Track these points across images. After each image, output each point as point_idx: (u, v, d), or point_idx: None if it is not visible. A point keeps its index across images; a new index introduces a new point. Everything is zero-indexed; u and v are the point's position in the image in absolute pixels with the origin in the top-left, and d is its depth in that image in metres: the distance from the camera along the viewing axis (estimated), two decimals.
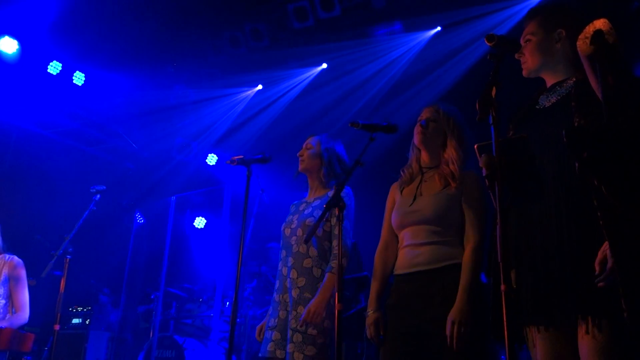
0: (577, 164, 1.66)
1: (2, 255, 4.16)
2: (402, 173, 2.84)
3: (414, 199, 2.69)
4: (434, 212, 2.59)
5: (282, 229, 3.34)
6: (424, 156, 2.80)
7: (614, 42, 1.74)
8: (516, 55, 2.30)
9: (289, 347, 2.97)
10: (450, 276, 2.48)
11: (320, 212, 3.15)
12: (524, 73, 2.34)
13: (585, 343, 1.86)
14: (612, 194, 1.62)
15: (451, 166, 2.65)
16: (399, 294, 2.61)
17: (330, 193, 3.25)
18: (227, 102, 7.79)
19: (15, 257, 4.16)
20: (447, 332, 2.36)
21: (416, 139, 2.77)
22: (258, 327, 3.34)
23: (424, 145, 2.76)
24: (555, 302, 1.95)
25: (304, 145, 3.45)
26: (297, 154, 3.44)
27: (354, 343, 4.91)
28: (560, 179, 2.02)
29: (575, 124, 1.96)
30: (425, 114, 2.79)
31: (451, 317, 2.37)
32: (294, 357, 2.93)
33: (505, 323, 1.66)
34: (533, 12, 2.35)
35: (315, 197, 3.36)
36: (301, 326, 2.96)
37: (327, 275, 3.06)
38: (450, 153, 2.68)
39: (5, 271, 4.06)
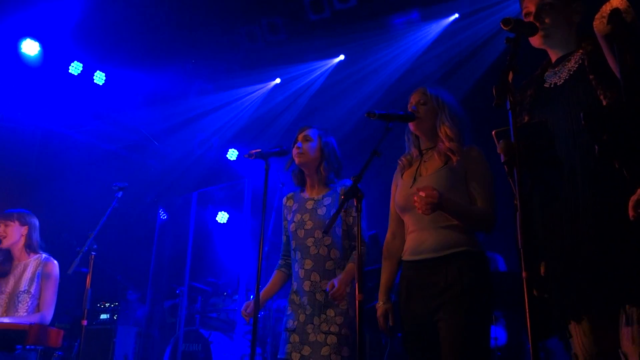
0: (596, 147, 1.62)
1: (39, 254, 4.24)
2: (400, 161, 2.81)
3: (415, 180, 2.66)
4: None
5: (291, 229, 3.27)
6: (422, 140, 2.77)
7: (632, 20, 1.69)
8: (532, 18, 2.17)
9: (324, 350, 2.93)
10: (455, 265, 2.45)
11: (335, 211, 3.11)
12: (538, 42, 2.22)
13: (625, 333, 1.82)
14: (634, 177, 1.58)
15: (448, 143, 2.60)
16: (407, 282, 2.60)
17: (339, 189, 3.24)
18: (246, 96, 7.82)
19: (51, 258, 4.23)
20: None
21: (411, 125, 2.72)
22: (245, 305, 3.25)
23: (420, 130, 2.73)
24: (593, 293, 1.90)
25: (299, 137, 3.32)
26: (294, 146, 3.30)
27: (377, 334, 4.91)
28: (591, 160, 1.95)
29: (601, 97, 1.90)
30: (414, 99, 2.74)
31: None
32: (331, 359, 2.91)
33: (527, 312, 1.63)
34: None
35: (321, 194, 3.27)
36: (332, 297, 2.92)
37: (349, 264, 3.06)
38: (445, 131, 2.63)
39: (39, 270, 4.14)
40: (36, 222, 4.34)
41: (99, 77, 6.75)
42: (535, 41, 2.22)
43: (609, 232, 1.88)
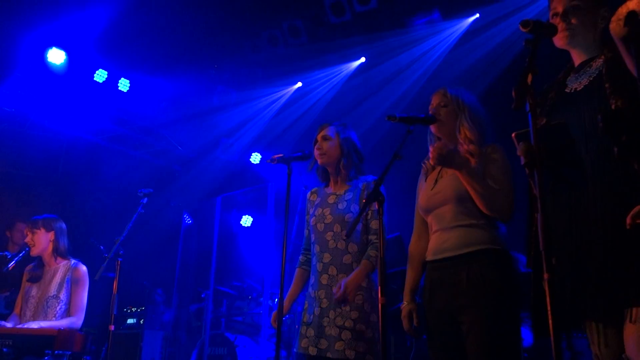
0: (615, 149, 1.60)
1: (68, 260, 4.30)
2: (423, 164, 2.83)
3: (436, 182, 2.67)
4: (455, 191, 2.54)
5: (312, 222, 3.28)
6: (444, 142, 2.76)
7: None
8: (559, 19, 2.17)
9: (338, 345, 2.91)
10: (477, 263, 2.43)
11: (355, 206, 3.15)
12: (562, 42, 2.20)
13: (629, 333, 1.80)
14: None
15: (468, 146, 2.59)
16: (430, 282, 2.60)
17: (361, 185, 3.23)
18: (268, 100, 7.86)
19: (80, 264, 4.28)
20: None
21: (433, 128, 2.73)
22: (274, 316, 3.18)
23: (442, 133, 2.72)
24: (598, 294, 1.89)
25: (318, 136, 3.32)
26: (315, 146, 3.31)
27: (402, 336, 4.89)
28: (601, 166, 1.94)
29: (612, 106, 1.89)
30: (434, 101, 2.74)
31: None
32: (345, 354, 2.88)
33: (550, 313, 1.62)
34: None
35: (343, 189, 3.28)
36: (337, 300, 2.92)
37: (362, 262, 3.03)
38: (464, 133, 2.62)
39: (68, 275, 4.19)
40: (63, 226, 4.38)
41: (124, 84, 6.85)
42: (559, 41, 2.20)
43: (617, 234, 1.86)
